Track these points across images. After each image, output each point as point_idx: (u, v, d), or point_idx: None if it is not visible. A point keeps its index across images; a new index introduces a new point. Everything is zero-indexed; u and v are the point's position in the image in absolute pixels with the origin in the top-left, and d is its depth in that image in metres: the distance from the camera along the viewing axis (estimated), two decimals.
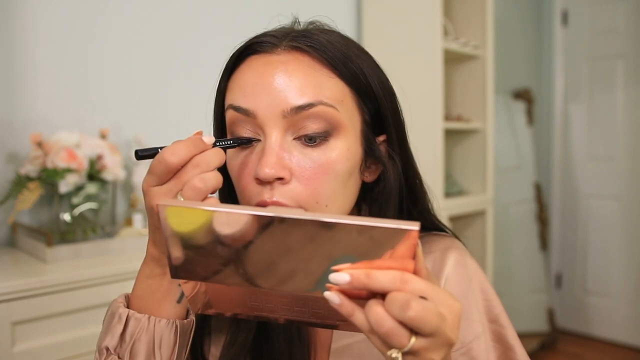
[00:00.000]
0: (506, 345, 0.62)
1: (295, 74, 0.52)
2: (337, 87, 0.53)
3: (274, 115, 0.51)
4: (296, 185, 0.52)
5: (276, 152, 0.51)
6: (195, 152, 0.47)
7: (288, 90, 0.51)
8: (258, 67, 0.53)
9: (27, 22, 1.35)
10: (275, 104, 0.51)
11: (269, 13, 1.84)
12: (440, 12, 1.91)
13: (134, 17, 1.55)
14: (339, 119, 0.53)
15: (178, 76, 1.65)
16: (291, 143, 0.52)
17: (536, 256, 2.92)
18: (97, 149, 1.28)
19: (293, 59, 0.53)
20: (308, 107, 0.51)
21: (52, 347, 1.04)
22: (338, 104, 0.53)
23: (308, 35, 0.54)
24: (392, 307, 0.36)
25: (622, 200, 2.88)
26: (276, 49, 0.54)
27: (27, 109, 1.36)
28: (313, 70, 0.52)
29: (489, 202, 2.21)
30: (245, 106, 0.52)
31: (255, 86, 0.52)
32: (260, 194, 0.52)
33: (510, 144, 2.89)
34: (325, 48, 0.53)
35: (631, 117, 2.84)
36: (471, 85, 2.21)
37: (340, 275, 0.38)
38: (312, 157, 0.52)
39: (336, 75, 0.54)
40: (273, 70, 0.52)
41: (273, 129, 0.51)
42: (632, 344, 2.83)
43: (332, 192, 0.53)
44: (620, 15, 2.83)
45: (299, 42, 0.53)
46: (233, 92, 0.54)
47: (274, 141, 0.51)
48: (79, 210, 1.28)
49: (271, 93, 0.51)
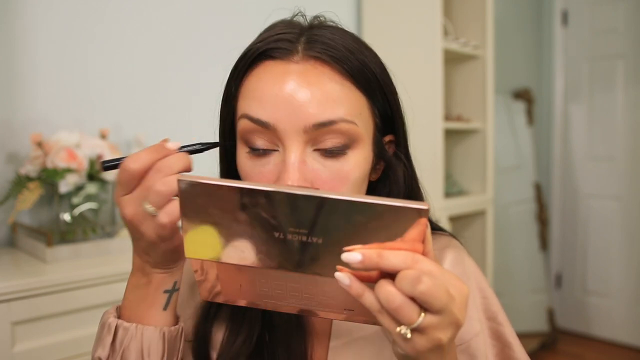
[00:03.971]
0: (504, 343, 0.62)
1: (316, 86, 0.51)
2: (356, 100, 0.53)
3: (294, 129, 0.50)
4: None
5: (298, 166, 0.50)
6: (158, 157, 0.47)
7: (309, 105, 0.50)
8: (276, 77, 0.51)
9: (27, 22, 1.35)
10: (297, 119, 0.50)
11: (269, 12, 1.84)
12: (440, 12, 1.91)
13: (134, 17, 1.55)
14: (358, 133, 0.53)
15: (178, 76, 1.65)
16: (311, 155, 0.52)
17: (536, 256, 2.92)
18: (97, 149, 1.28)
19: (312, 69, 0.52)
20: (330, 124, 0.50)
21: (52, 347, 1.04)
22: (357, 117, 0.53)
23: (325, 41, 0.52)
24: (403, 283, 0.37)
25: (622, 200, 2.88)
26: (293, 55, 0.52)
27: (27, 109, 1.36)
28: (333, 83, 0.52)
29: (489, 202, 2.21)
30: (265, 119, 0.51)
31: (274, 98, 0.51)
32: None
33: (510, 144, 2.89)
34: (345, 57, 0.52)
35: (631, 117, 2.84)
36: (471, 85, 2.21)
37: (352, 254, 0.39)
38: (330, 169, 0.52)
39: (355, 86, 0.53)
40: (292, 81, 0.51)
41: (293, 143, 0.51)
42: (632, 344, 2.83)
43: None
44: (620, 15, 2.83)
45: (317, 50, 0.52)
46: (248, 101, 0.53)
47: (295, 155, 0.51)
48: (79, 210, 1.28)
49: (292, 107, 0.50)
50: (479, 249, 2.22)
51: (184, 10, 1.66)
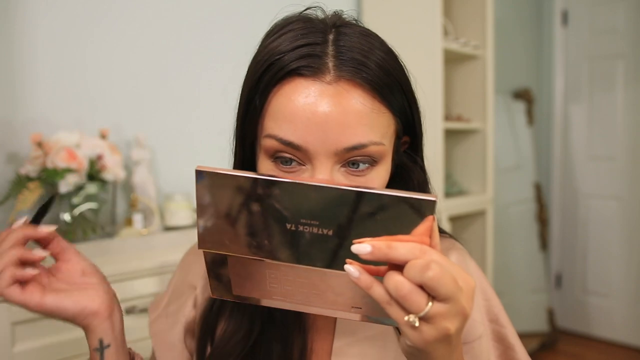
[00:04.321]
0: (506, 345, 0.62)
1: (348, 109, 0.50)
2: (385, 119, 0.53)
3: (325, 152, 0.51)
4: None
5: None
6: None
7: (341, 130, 0.50)
8: (307, 98, 0.50)
9: (27, 22, 1.35)
10: (328, 142, 0.50)
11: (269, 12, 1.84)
12: (440, 12, 1.91)
13: (134, 17, 1.55)
14: (385, 152, 0.54)
15: (178, 76, 1.65)
16: (338, 172, 0.53)
17: (536, 256, 2.92)
18: (97, 149, 1.28)
19: (344, 92, 0.51)
20: (360, 148, 0.51)
21: (52, 347, 1.04)
22: (384, 137, 0.53)
23: (355, 58, 0.51)
24: (411, 272, 0.38)
25: (622, 200, 2.88)
26: (324, 75, 0.51)
27: (27, 109, 1.36)
28: (364, 106, 0.51)
29: (489, 202, 2.21)
30: (297, 142, 0.50)
31: (306, 121, 0.50)
32: None
33: (510, 144, 2.89)
34: (374, 75, 0.52)
35: (631, 117, 2.84)
36: (471, 85, 2.21)
37: (361, 245, 0.40)
38: (357, 183, 0.53)
39: (384, 106, 0.53)
40: (325, 104, 0.50)
41: (323, 164, 0.51)
42: (632, 344, 2.83)
43: None
44: (620, 15, 2.83)
45: (348, 71, 0.51)
46: (278, 122, 0.51)
47: (324, 176, 0.51)
48: (79, 210, 1.28)
49: (324, 131, 0.50)
50: (479, 249, 2.22)
51: (184, 10, 1.66)
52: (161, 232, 1.38)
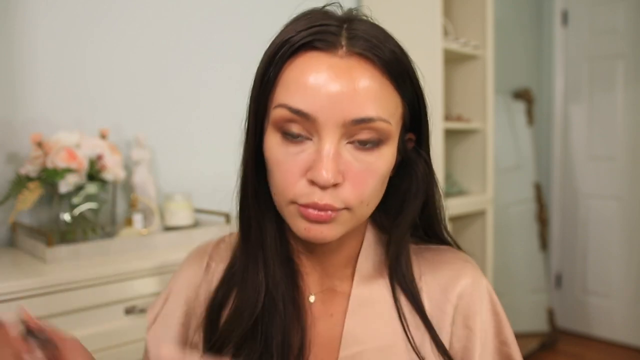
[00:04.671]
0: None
1: (359, 83, 0.52)
2: (393, 99, 0.55)
3: (333, 122, 0.51)
4: (347, 188, 0.53)
5: (332, 157, 0.52)
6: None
7: (351, 101, 0.51)
8: (319, 69, 0.52)
9: (27, 22, 1.35)
10: (338, 114, 0.51)
11: (269, 11, 1.85)
12: (440, 12, 1.91)
13: (134, 16, 1.55)
14: (391, 131, 0.54)
15: (178, 76, 1.65)
16: (345, 147, 0.53)
17: (536, 256, 2.92)
18: (97, 149, 1.28)
19: (356, 65, 0.52)
20: (368, 122, 0.52)
21: None
22: (391, 116, 0.54)
23: (367, 38, 0.53)
24: None
25: (622, 200, 2.88)
26: (337, 49, 0.53)
27: (27, 109, 1.36)
28: (374, 81, 0.53)
29: (489, 202, 2.21)
30: (306, 110, 0.52)
31: (317, 90, 0.51)
32: (311, 195, 0.53)
33: (510, 144, 2.89)
34: (384, 54, 0.53)
35: (631, 117, 2.84)
36: (471, 85, 2.21)
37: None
38: (362, 162, 0.53)
39: (392, 85, 0.55)
40: (337, 76, 0.52)
41: (330, 135, 0.52)
42: (632, 344, 2.83)
43: (375, 192, 0.56)
44: (620, 15, 2.83)
45: (361, 46, 0.53)
46: (290, 92, 0.53)
47: (330, 147, 0.52)
48: (79, 210, 1.28)
49: (334, 101, 0.51)
50: (479, 249, 2.22)
51: (184, 10, 1.66)
52: (161, 232, 1.38)
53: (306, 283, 0.64)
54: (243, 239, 0.63)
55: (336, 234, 0.55)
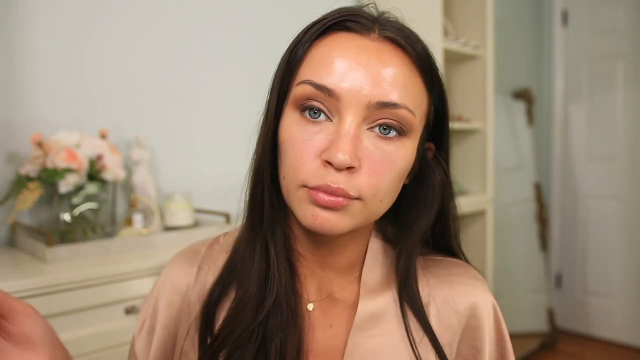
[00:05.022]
0: None
1: (389, 67, 0.50)
2: (420, 92, 0.53)
3: (357, 103, 0.49)
4: (362, 175, 0.50)
5: (351, 139, 0.49)
6: None
7: (378, 83, 0.50)
8: (350, 48, 0.51)
9: (27, 22, 1.35)
10: (363, 94, 0.49)
11: (269, 11, 1.85)
12: (440, 12, 1.91)
13: (134, 17, 1.55)
14: (414, 124, 0.52)
15: (178, 76, 1.65)
16: (365, 133, 0.51)
17: (536, 256, 2.92)
18: (97, 149, 1.28)
19: (387, 50, 0.51)
20: (393, 107, 0.50)
21: None
22: (416, 109, 0.52)
23: (399, 28, 0.53)
24: None
25: (622, 200, 2.88)
26: (370, 33, 0.52)
27: (27, 109, 1.36)
28: (405, 68, 0.52)
29: (489, 202, 2.21)
30: (331, 86, 0.49)
31: (346, 68, 0.50)
32: (324, 176, 0.49)
33: (510, 144, 2.89)
34: (417, 46, 0.53)
35: (631, 117, 2.84)
36: (471, 85, 2.21)
37: None
38: (382, 151, 0.51)
39: (421, 78, 0.54)
40: (367, 56, 0.50)
41: (351, 115, 0.50)
42: (632, 344, 2.83)
43: (389, 188, 0.52)
44: (620, 15, 2.84)
45: (394, 32, 0.52)
46: (315, 68, 0.51)
47: (349, 128, 0.49)
48: (79, 210, 1.28)
49: (361, 80, 0.49)
50: (479, 249, 2.22)
51: (184, 10, 1.66)
52: (161, 232, 1.38)
53: (304, 288, 0.61)
54: (251, 228, 0.59)
55: (344, 226, 0.51)
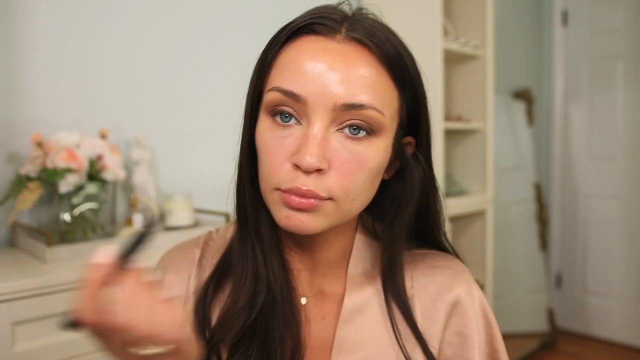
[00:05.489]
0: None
1: (354, 68, 0.51)
2: (389, 91, 0.53)
3: (324, 106, 0.50)
4: (332, 177, 0.51)
5: (319, 142, 0.50)
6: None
7: (344, 85, 0.50)
8: (315, 52, 0.51)
9: (27, 22, 1.35)
10: (329, 96, 0.50)
11: (269, 11, 1.85)
12: (440, 12, 1.91)
13: (134, 17, 1.55)
14: (383, 123, 0.52)
15: (178, 76, 1.65)
16: (334, 135, 0.52)
17: (536, 256, 2.92)
18: (97, 149, 1.28)
19: (353, 51, 0.52)
20: (359, 108, 0.50)
21: (52, 347, 1.04)
22: (385, 108, 0.53)
23: (366, 27, 0.53)
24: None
25: (622, 200, 2.88)
26: (336, 34, 0.52)
27: (27, 109, 1.36)
28: (370, 68, 0.52)
29: (489, 202, 2.21)
30: (297, 91, 0.51)
31: (310, 72, 0.50)
32: (294, 179, 0.51)
33: (510, 144, 2.89)
34: (384, 45, 0.53)
35: (631, 117, 2.84)
36: (471, 85, 2.21)
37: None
38: (351, 152, 0.52)
39: (390, 77, 0.53)
40: (331, 59, 0.51)
41: (319, 118, 0.51)
42: (632, 344, 2.83)
43: (362, 187, 0.53)
44: (620, 15, 2.83)
45: (359, 33, 0.52)
46: (283, 74, 0.52)
47: (318, 131, 0.50)
48: (79, 210, 1.28)
49: (327, 83, 0.50)
50: (479, 249, 2.22)
51: (184, 10, 1.66)
52: (161, 232, 1.38)
53: (298, 282, 0.62)
54: (240, 228, 0.61)
55: (318, 226, 0.52)
